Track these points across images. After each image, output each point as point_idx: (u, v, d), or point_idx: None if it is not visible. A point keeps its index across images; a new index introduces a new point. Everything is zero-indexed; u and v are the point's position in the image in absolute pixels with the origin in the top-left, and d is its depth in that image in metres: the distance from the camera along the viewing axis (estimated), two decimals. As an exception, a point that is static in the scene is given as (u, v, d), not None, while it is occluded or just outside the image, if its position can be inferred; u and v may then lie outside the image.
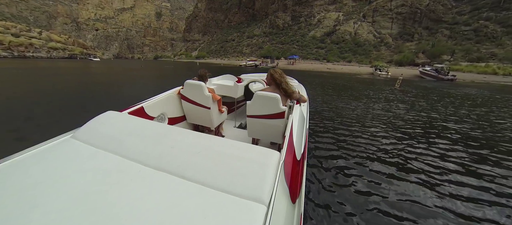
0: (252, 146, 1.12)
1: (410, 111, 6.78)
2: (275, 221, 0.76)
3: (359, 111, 6.50)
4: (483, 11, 53.23)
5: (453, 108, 7.57)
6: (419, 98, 9.69)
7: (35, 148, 1.09)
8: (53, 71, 19.83)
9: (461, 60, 38.50)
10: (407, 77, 27.32)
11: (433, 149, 3.67)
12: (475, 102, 9.23)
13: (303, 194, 1.16)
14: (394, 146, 3.73)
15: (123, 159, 1.02)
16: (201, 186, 0.87)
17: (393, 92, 11.67)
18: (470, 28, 50.97)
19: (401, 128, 4.88)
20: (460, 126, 5.17)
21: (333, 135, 4.18)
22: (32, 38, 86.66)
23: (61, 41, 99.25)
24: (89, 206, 0.76)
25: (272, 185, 0.88)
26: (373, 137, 4.17)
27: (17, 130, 3.98)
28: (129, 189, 0.85)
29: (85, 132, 1.24)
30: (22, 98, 7.02)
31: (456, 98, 10.43)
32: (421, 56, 44.00)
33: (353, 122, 5.16)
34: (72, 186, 0.85)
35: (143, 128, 1.28)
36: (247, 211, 0.76)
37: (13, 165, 0.95)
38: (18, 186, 0.83)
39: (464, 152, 3.62)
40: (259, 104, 2.11)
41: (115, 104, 6.51)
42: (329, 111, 6.36)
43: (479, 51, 41.33)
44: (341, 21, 75.64)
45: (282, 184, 0.95)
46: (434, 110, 7.13)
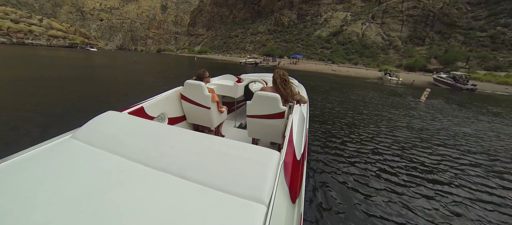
0: (252, 146, 1.12)
1: (466, 150, 4.47)
2: (275, 221, 0.77)
3: (379, 130, 4.45)
4: (501, 17, 50.03)
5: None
6: (463, 120, 7.40)
7: (35, 148, 1.08)
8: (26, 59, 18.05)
9: (476, 68, 35.74)
10: (419, 84, 24.96)
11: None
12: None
13: (303, 194, 1.18)
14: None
15: (123, 159, 1.02)
16: (201, 186, 0.87)
17: (419, 106, 9.33)
18: (486, 34, 47.95)
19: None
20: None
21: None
22: (32, 24, 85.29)
23: (62, 30, 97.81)
24: (89, 206, 0.76)
25: (272, 185, 0.88)
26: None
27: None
28: (129, 189, 0.85)
29: (85, 132, 1.23)
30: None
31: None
32: (433, 62, 41.24)
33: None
34: (72, 186, 0.85)
35: (143, 128, 1.28)
36: (247, 211, 0.76)
37: (13, 165, 0.95)
38: (18, 186, 0.83)
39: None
40: (259, 104, 2.11)
41: (115, 103, 5.98)
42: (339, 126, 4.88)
43: (496, 59, 38.45)
44: (348, 22, 72.80)
45: (282, 184, 0.95)
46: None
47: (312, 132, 4.45)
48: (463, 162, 3.70)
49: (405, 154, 3.84)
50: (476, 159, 3.89)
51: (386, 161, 3.43)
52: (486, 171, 3.41)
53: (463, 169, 3.43)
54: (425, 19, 59.93)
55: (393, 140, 4.56)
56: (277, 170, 0.96)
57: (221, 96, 3.40)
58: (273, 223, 0.73)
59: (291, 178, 1.07)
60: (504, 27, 46.50)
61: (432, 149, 4.20)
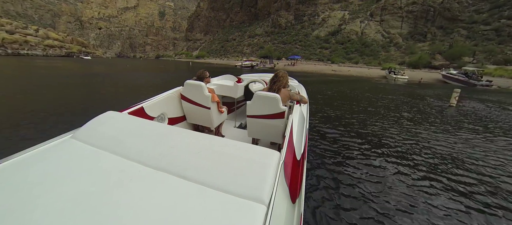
0: (252, 146, 1.12)
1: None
2: (275, 221, 0.76)
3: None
4: (505, 9, 48.41)
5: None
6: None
7: (35, 148, 1.08)
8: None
9: (485, 62, 33.94)
10: (427, 81, 23.26)
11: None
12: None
13: (303, 194, 1.16)
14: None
15: (123, 159, 1.02)
16: (201, 186, 0.86)
17: (453, 113, 7.39)
18: (490, 27, 46.29)
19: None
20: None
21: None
22: (27, 35, 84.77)
23: (58, 39, 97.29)
24: (89, 206, 0.76)
25: (272, 185, 0.88)
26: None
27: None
28: (129, 189, 0.84)
29: (85, 132, 1.23)
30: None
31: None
32: (438, 58, 39.49)
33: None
34: (72, 186, 0.84)
35: (143, 128, 1.28)
36: (247, 211, 0.76)
37: (13, 165, 0.95)
38: (18, 186, 0.83)
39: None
40: (259, 104, 2.11)
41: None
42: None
43: (504, 53, 36.69)
44: (346, 20, 71.48)
45: (282, 184, 0.95)
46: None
47: (312, 134, 4.20)
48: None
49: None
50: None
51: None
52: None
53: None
54: (425, 14, 58.40)
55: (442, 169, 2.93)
56: (277, 170, 0.96)
57: (221, 96, 3.36)
58: (273, 223, 0.73)
59: (291, 178, 1.07)
60: (508, 19, 44.85)
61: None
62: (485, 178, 2.92)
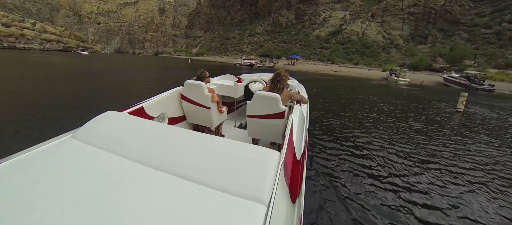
0: (252, 146, 1.12)
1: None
2: (275, 221, 0.76)
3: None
4: (506, 13, 48.22)
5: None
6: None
7: (35, 148, 1.08)
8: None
9: (485, 66, 33.71)
10: (428, 84, 22.95)
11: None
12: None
13: (303, 194, 1.16)
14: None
15: (123, 159, 1.02)
16: (201, 186, 0.86)
17: (461, 119, 6.98)
18: (491, 31, 46.09)
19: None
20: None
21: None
22: (24, 28, 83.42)
23: (55, 33, 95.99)
24: (89, 206, 0.76)
25: (272, 185, 0.88)
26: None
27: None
28: (129, 189, 0.84)
29: (85, 132, 1.23)
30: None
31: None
32: (439, 60, 39.21)
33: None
34: (72, 186, 0.84)
35: (143, 128, 1.28)
36: (247, 211, 0.76)
37: (13, 165, 0.94)
38: (18, 186, 0.83)
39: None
40: (259, 104, 2.10)
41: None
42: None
43: (505, 57, 36.50)
44: (347, 21, 71.05)
45: (282, 184, 0.95)
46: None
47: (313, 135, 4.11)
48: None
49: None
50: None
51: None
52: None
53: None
54: (426, 16, 58.13)
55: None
56: (277, 170, 0.96)
57: (221, 96, 3.35)
58: (273, 223, 0.73)
59: (291, 178, 1.07)
60: (509, 23, 44.64)
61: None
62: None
